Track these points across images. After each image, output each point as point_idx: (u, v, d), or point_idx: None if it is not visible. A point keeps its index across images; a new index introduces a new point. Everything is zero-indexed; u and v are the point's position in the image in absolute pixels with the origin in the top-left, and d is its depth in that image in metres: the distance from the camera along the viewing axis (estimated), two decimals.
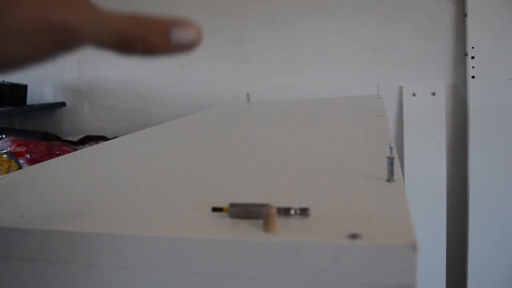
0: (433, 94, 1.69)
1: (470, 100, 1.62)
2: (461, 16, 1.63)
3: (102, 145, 0.84)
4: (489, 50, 1.60)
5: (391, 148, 0.46)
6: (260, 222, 0.35)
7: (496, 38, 1.59)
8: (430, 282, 1.69)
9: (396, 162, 0.47)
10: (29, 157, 1.45)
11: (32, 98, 2.07)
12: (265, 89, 1.86)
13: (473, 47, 1.60)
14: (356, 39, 1.75)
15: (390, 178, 0.46)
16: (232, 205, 0.38)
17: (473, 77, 1.61)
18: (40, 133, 1.74)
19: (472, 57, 1.61)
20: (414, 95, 1.71)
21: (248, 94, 1.61)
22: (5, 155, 1.43)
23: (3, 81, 1.84)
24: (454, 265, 1.74)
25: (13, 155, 1.43)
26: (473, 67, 1.61)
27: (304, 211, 0.37)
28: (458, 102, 1.68)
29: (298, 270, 0.33)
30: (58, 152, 1.54)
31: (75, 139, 1.82)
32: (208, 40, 1.90)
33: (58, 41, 0.26)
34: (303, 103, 1.45)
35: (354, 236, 0.32)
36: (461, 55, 1.65)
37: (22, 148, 1.46)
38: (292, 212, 0.37)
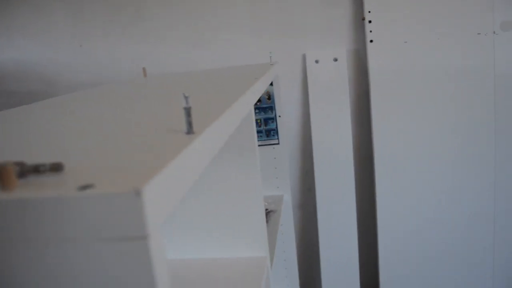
0: (335, 60, 1.71)
1: (370, 64, 1.66)
2: None
3: None
4: (385, 14, 1.63)
5: (186, 97, 0.43)
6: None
7: (391, 1, 1.63)
8: (343, 242, 1.74)
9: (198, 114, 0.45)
10: None
11: None
12: (171, 64, 1.81)
13: (369, 11, 1.63)
14: (258, 9, 1.73)
15: (189, 130, 0.43)
16: None
17: (371, 41, 1.64)
18: None
19: (370, 21, 1.63)
20: (317, 62, 1.72)
21: (144, 69, 1.55)
22: None
23: None
24: (364, 225, 1.81)
25: None
26: (370, 31, 1.64)
27: (55, 167, 0.34)
28: (360, 66, 1.72)
29: (31, 228, 0.30)
30: None
31: None
32: (108, 17, 1.81)
33: None
34: (194, 74, 1.41)
35: (84, 187, 0.30)
36: (360, 20, 1.67)
37: None
38: (42, 168, 0.34)
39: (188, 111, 0.44)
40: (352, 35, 1.70)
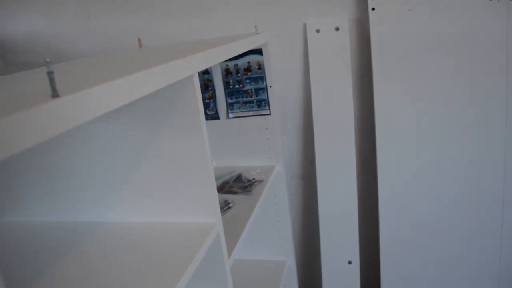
0: (337, 29, 1.67)
1: (372, 32, 1.61)
2: None
3: None
4: None
5: (47, 63, 0.46)
6: None
7: None
8: (344, 206, 1.74)
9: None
10: None
11: None
12: (173, 34, 1.84)
13: None
14: None
15: (54, 94, 0.47)
16: None
17: (373, 9, 1.59)
18: None
19: None
20: (318, 31, 1.69)
21: (139, 40, 1.60)
22: None
23: None
24: (365, 196, 1.79)
25: None
26: None
27: None
28: (362, 36, 1.67)
29: None
30: None
31: None
32: None
33: None
34: (187, 44, 1.44)
35: None
36: None
37: None
38: None
39: (51, 76, 0.47)
40: (354, 2, 1.65)
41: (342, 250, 1.75)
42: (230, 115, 1.55)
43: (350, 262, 1.74)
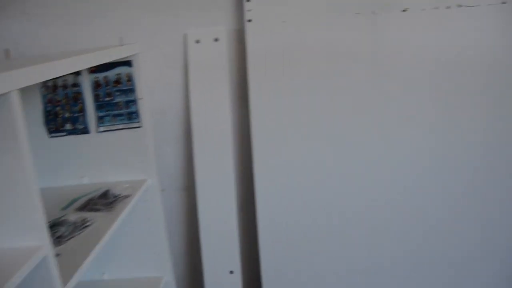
0: (216, 40, 1.67)
1: (248, 44, 1.62)
2: None
3: None
4: None
5: None
6: None
7: None
8: (224, 216, 1.73)
9: None
10: None
11: None
12: (51, 44, 1.75)
13: None
14: None
15: None
16: None
17: (249, 20, 1.60)
18: None
19: (248, 0, 1.59)
20: (198, 42, 1.68)
21: (7, 51, 1.50)
22: None
23: None
24: (245, 201, 1.80)
25: None
26: (249, 10, 1.60)
27: None
28: (241, 47, 1.68)
29: None
30: None
31: None
32: None
33: None
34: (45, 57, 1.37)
35: None
36: None
37: None
38: None
39: None
40: (233, 13, 1.66)
41: (223, 260, 1.74)
42: (100, 128, 1.50)
43: (231, 272, 1.74)
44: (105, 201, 1.35)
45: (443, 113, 1.64)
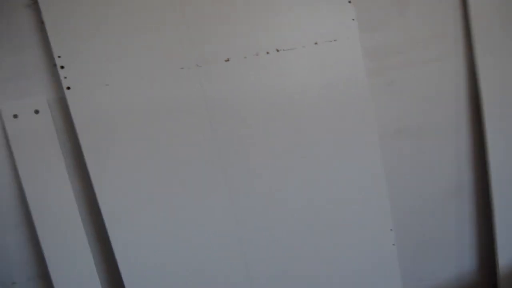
0: (37, 112, 1.56)
1: (72, 112, 1.54)
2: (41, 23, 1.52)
3: None
4: (80, 58, 1.53)
5: None
6: None
7: (85, 42, 1.53)
8: None
9: None
10: None
11: None
12: None
13: (59, 56, 1.51)
14: None
15: None
16: None
17: (68, 88, 1.52)
18: None
19: (62, 67, 1.51)
20: (15, 116, 1.55)
21: None
22: None
23: None
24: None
25: None
26: (65, 77, 1.52)
27: None
28: (66, 115, 1.58)
29: None
30: None
31: None
32: None
33: None
34: None
35: None
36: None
37: None
38: None
39: None
40: (51, 81, 1.57)
41: None
42: None
43: None
44: None
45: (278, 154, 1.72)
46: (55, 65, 1.52)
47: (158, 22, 1.57)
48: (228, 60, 1.65)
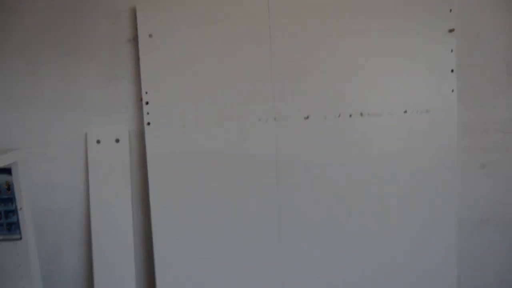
0: (117, 141, 1.66)
1: (147, 147, 1.60)
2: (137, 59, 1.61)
3: None
4: (163, 96, 1.59)
5: None
6: None
7: (170, 83, 1.59)
8: None
9: None
10: None
11: None
12: None
13: (146, 92, 1.59)
14: (39, 79, 1.67)
15: None
16: None
17: (148, 123, 1.59)
18: None
19: (147, 103, 1.59)
20: (98, 142, 1.66)
21: None
22: None
23: None
24: None
25: None
26: (148, 113, 1.59)
27: None
28: (142, 148, 1.65)
29: None
30: None
31: None
32: None
33: None
34: None
35: None
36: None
37: None
38: None
39: None
40: (135, 114, 1.65)
41: None
42: None
43: None
44: None
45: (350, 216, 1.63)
46: (141, 99, 1.59)
47: (243, 72, 1.57)
48: (307, 117, 1.61)
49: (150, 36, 1.56)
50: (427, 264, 1.65)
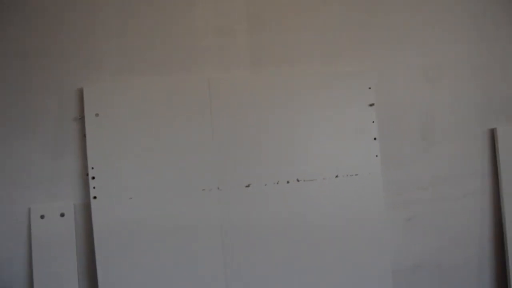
0: (62, 215, 1.70)
1: (94, 220, 1.66)
2: (83, 136, 1.69)
3: None
4: (110, 171, 1.67)
5: None
6: None
7: (117, 160, 1.68)
8: None
9: None
10: None
11: None
12: None
13: (93, 168, 1.66)
14: None
15: None
16: None
17: (94, 197, 1.66)
18: None
19: (93, 177, 1.66)
20: (42, 217, 1.69)
21: None
22: None
23: None
24: None
25: None
26: (94, 187, 1.66)
27: None
28: (87, 221, 1.71)
29: None
30: None
31: None
32: None
33: None
34: None
35: None
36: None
37: None
38: None
39: None
40: (81, 188, 1.71)
41: None
42: None
43: None
44: None
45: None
46: (87, 174, 1.66)
47: (186, 145, 1.71)
48: (249, 185, 1.75)
49: (97, 115, 1.66)
50: None
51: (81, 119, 1.69)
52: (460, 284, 1.96)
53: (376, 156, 1.85)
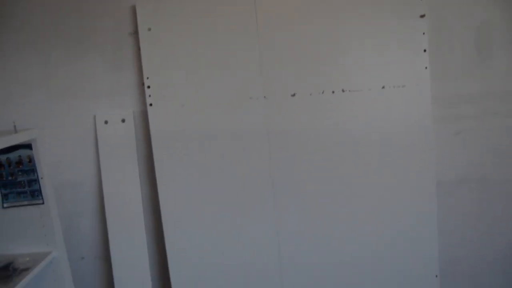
0: (123, 121, 1.99)
1: (151, 125, 1.93)
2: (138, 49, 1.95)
3: None
4: (163, 80, 1.92)
5: None
6: None
7: (170, 70, 1.92)
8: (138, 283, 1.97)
9: None
10: None
11: None
12: None
13: (148, 78, 1.92)
14: (51, 71, 2.01)
15: None
16: None
17: (150, 104, 1.93)
18: None
19: (148, 87, 1.92)
20: (106, 122, 1.99)
21: None
22: None
23: None
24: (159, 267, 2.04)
25: None
26: (149, 95, 1.92)
27: None
28: (145, 126, 1.99)
29: None
30: None
31: None
32: None
33: None
34: None
35: None
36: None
37: None
38: None
39: None
40: (138, 97, 1.99)
41: None
42: (5, 205, 1.77)
43: None
44: (4, 273, 1.60)
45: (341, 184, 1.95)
46: (143, 84, 1.93)
47: (233, 57, 1.90)
48: (294, 95, 1.92)
49: (149, 29, 1.90)
50: (408, 221, 1.95)
51: (135, 34, 1.93)
52: (505, 198, 2.03)
53: (426, 68, 1.92)
